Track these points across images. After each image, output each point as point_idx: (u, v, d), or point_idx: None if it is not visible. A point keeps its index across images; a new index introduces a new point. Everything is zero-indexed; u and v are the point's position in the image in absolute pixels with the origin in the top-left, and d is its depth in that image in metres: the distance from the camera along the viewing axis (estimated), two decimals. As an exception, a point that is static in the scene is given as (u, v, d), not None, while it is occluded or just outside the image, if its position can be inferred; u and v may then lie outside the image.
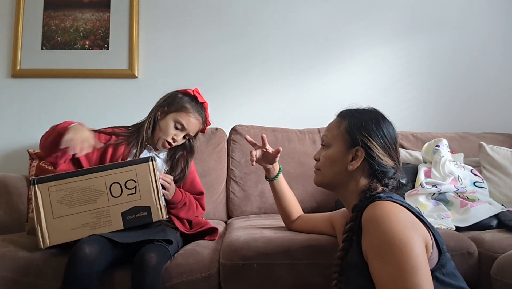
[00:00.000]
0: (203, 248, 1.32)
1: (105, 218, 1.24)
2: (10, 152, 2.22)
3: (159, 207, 1.28)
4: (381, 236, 0.83)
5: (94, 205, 1.24)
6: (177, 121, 1.44)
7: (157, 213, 1.28)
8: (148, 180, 1.28)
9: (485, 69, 2.36)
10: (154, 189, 1.28)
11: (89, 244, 1.12)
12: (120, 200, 1.26)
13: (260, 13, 2.35)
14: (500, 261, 1.19)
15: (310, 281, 1.23)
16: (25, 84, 2.27)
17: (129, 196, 1.26)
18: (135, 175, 1.27)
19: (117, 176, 1.26)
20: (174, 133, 1.44)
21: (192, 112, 1.46)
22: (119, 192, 1.26)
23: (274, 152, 1.37)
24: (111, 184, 1.25)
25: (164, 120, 1.45)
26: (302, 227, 1.37)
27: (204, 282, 1.22)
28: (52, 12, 2.30)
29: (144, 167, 1.28)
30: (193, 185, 1.55)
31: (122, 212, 1.25)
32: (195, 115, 1.47)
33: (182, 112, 1.45)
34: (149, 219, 1.27)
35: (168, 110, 1.46)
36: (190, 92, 1.51)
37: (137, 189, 1.27)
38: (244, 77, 2.31)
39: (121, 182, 1.26)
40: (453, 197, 1.61)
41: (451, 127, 2.27)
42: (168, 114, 1.45)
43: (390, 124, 1.04)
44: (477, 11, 2.39)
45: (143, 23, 2.32)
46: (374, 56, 2.35)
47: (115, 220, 1.24)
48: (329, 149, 1.06)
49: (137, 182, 1.27)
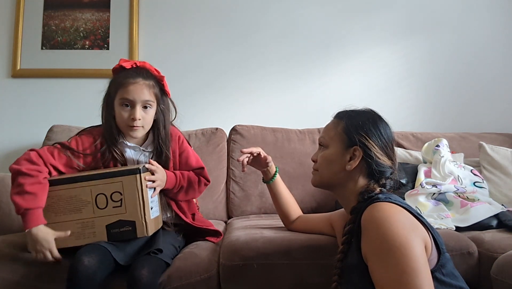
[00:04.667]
0: (202, 250, 1.32)
1: (90, 229, 1.19)
2: (10, 152, 2.22)
3: (144, 223, 1.19)
4: (381, 238, 0.83)
5: (79, 214, 1.19)
6: (123, 101, 1.27)
7: (142, 229, 1.19)
8: (134, 193, 1.19)
9: (485, 69, 2.36)
10: (141, 203, 1.19)
11: (87, 254, 1.09)
12: (106, 212, 1.19)
13: (260, 13, 2.34)
14: (500, 261, 1.19)
15: (310, 281, 1.23)
16: (25, 84, 2.26)
17: (114, 208, 1.19)
18: (121, 187, 1.19)
19: (103, 186, 1.19)
20: (127, 113, 1.27)
21: (128, 80, 1.26)
22: (105, 204, 1.19)
23: (263, 157, 1.36)
24: (96, 195, 1.19)
25: (115, 111, 1.30)
26: (301, 228, 1.37)
27: (203, 284, 1.22)
28: (52, 12, 2.30)
29: (131, 179, 1.19)
30: (189, 163, 1.42)
31: (107, 225, 1.19)
32: (132, 81, 1.26)
33: (119, 89, 1.27)
34: (133, 234, 1.19)
35: (109, 101, 1.31)
36: (117, 68, 1.33)
37: (122, 202, 1.19)
38: (244, 78, 2.31)
39: (107, 194, 1.19)
40: (453, 197, 1.61)
41: (451, 127, 2.27)
42: (113, 103, 1.30)
43: (386, 124, 1.05)
44: (477, 11, 2.38)
45: (143, 23, 2.31)
46: (374, 56, 2.34)
47: (99, 232, 1.19)
48: (327, 150, 1.06)
49: (123, 194, 1.19)
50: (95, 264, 1.09)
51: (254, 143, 1.93)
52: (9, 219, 1.67)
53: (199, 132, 2.06)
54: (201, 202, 1.92)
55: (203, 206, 1.92)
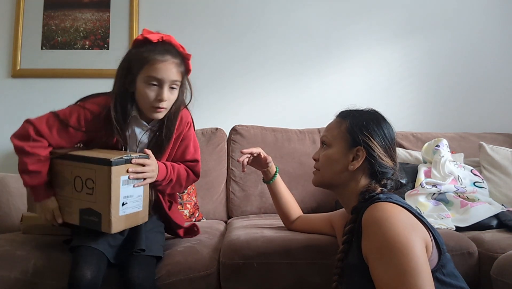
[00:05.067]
0: (203, 246, 1.32)
1: (68, 208, 1.19)
2: (10, 152, 2.21)
3: (110, 219, 1.10)
4: (382, 238, 0.83)
5: (62, 190, 1.20)
6: (149, 79, 1.16)
7: (107, 225, 1.10)
8: (105, 185, 1.10)
9: (485, 69, 2.36)
10: (111, 197, 1.09)
11: (88, 264, 1.08)
12: (80, 196, 1.15)
13: (260, 14, 2.34)
14: (500, 261, 1.19)
15: (310, 281, 1.23)
16: (25, 84, 2.27)
17: (87, 195, 1.14)
18: (94, 175, 1.12)
19: (79, 170, 1.15)
20: (154, 93, 1.17)
21: (156, 57, 1.16)
22: (80, 188, 1.15)
23: (263, 158, 1.36)
24: (75, 176, 1.16)
25: (136, 88, 1.19)
26: (301, 228, 1.37)
27: (202, 281, 1.23)
28: (52, 12, 2.30)
29: (104, 170, 1.09)
30: (185, 154, 1.33)
31: (80, 209, 1.16)
32: (161, 58, 1.16)
33: (146, 66, 1.16)
34: (98, 226, 1.12)
35: (132, 75, 1.18)
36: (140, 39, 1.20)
37: (94, 190, 1.13)
38: (244, 78, 2.31)
39: (83, 178, 1.14)
40: (453, 197, 1.61)
41: (451, 127, 2.27)
42: (136, 79, 1.18)
43: (390, 125, 1.05)
44: (477, 11, 2.38)
45: (143, 23, 2.31)
46: (374, 56, 2.34)
47: (74, 214, 1.17)
48: (330, 149, 1.06)
49: (95, 183, 1.12)
50: (96, 276, 1.08)
51: (254, 144, 1.93)
52: (9, 218, 1.67)
53: (199, 133, 2.06)
54: (201, 202, 1.93)
55: (203, 206, 1.92)
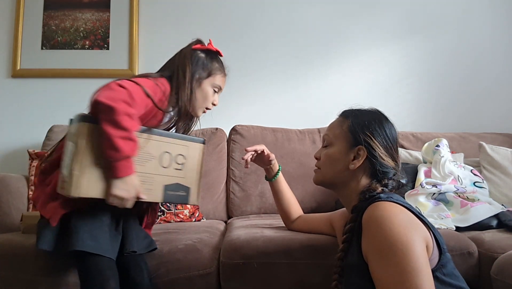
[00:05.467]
0: (204, 245, 1.32)
1: (148, 185, 1.14)
2: (10, 151, 2.22)
3: (198, 192, 1.25)
4: (382, 238, 0.83)
5: (142, 168, 1.12)
6: (215, 86, 1.35)
7: (195, 198, 1.24)
8: (195, 161, 1.24)
9: (485, 69, 2.36)
10: (199, 172, 1.25)
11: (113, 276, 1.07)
12: (167, 171, 1.18)
13: (261, 13, 2.35)
14: (500, 261, 1.19)
15: (310, 280, 1.23)
16: (25, 84, 2.27)
17: (175, 170, 1.20)
18: (187, 151, 1.22)
19: (171, 146, 1.19)
20: (214, 98, 1.36)
21: (223, 71, 1.40)
22: (168, 164, 1.18)
23: (266, 155, 1.36)
24: (163, 152, 1.17)
25: (200, 88, 1.31)
26: (302, 227, 1.37)
27: (202, 280, 1.23)
28: (52, 12, 2.30)
29: (197, 147, 1.24)
30: None
31: (165, 184, 1.17)
32: (225, 72, 1.41)
33: (217, 75, 1.36)
34: (185, 200, 1.23)
35: (200, 76, 1.32)
36: (212, 49, 1.40)
37: (184, 166, 1.21)
38: (244, 78, 2.31)
39: (173, 154, 1.19)
40: (453, 197, 1.61)
41: (451, 127, 2.27)
42: (203, 81, 1.32)
43: (392, 125, 1.05)
44: (477, 12, 2.39)
45: (143, 23, 2.32)
46: (374, 56, 2.35)
47: (156, 191, 1.16)
48: (331, 148, 1.06)
49: (186, 159, 1.21)
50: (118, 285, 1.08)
51: (254, 144, 1.90)
52: (9, 218, 1.67)
53: (199, 132, 2.06)
54: (201, 202, 1.92)
55: (203, 206, 1.92)
